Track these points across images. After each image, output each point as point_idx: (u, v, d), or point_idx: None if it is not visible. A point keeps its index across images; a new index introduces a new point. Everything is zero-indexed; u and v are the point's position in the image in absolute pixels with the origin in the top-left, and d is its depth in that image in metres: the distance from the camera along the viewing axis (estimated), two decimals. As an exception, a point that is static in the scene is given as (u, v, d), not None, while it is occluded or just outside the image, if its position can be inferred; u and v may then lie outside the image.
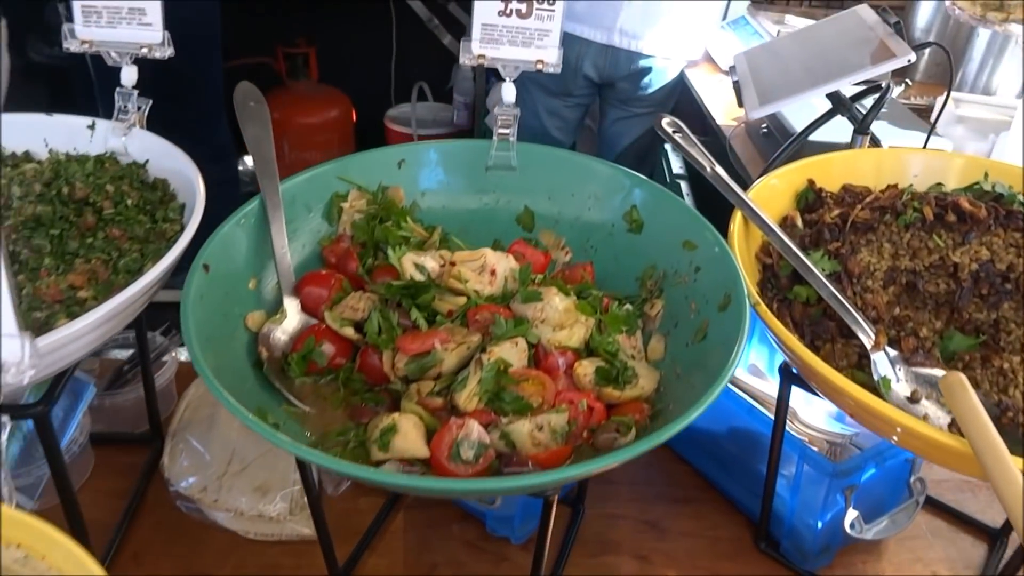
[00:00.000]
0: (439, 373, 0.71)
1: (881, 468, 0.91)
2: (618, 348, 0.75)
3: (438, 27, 3.53)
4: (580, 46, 2.35)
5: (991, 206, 0.85)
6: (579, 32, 2.33)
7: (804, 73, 1.28)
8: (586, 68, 2.40)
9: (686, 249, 0.83)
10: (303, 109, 3.48)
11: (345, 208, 0.89)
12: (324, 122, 3.51)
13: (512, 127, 0.95)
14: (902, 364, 0.78)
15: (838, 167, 0.98)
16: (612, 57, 2.35)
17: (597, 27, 2.30)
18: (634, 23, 2.26)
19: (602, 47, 2.33)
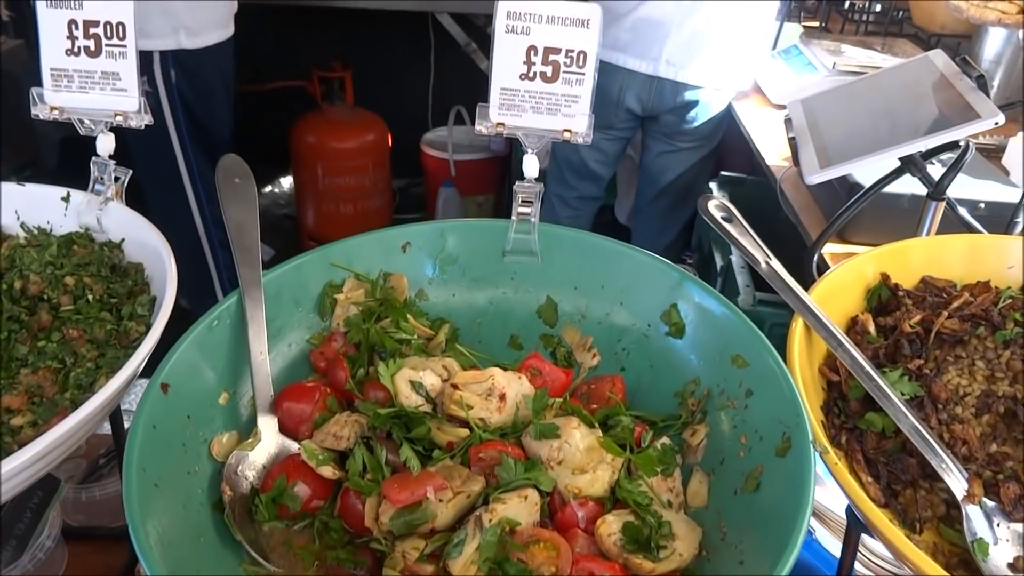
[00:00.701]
0: (431, 529, 0.59)
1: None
2: (651, 498, 0.62)
3: (475, 51, 3.43)
4: (623, 77, 2.23)
5: (1112, 322, 0.70)
6: (622, 62, 2.21)
7: (871, 131, 1.13)
8: (628, 100, 2.28)
9: (736, 365, 0.70)
10: (338, 133, 3.41)
11: (340, 300, 0.77)
12: (359, 146, 3.44)
13: (534, 206, 0.83)
14: (1002, 519, 0.64)
15: (917, 255, 0.84)
16: (657, 89, 2.22)
17: (642, 57, 2.18)
18: (681, 52, 2.14)
19: (646, 78, 2.21)
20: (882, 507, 0.67)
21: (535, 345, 0.81)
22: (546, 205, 2.72)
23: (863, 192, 1.28)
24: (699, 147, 2.38)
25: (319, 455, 0.62)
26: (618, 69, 2.23)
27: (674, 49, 2.14)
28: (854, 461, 0.68)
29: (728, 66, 2.20)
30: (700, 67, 2.16)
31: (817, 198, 1.78)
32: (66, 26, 0.78)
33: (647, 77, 2.21)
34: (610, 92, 2.27)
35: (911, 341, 0.74)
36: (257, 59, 3.40)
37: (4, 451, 0.59)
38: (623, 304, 0.79)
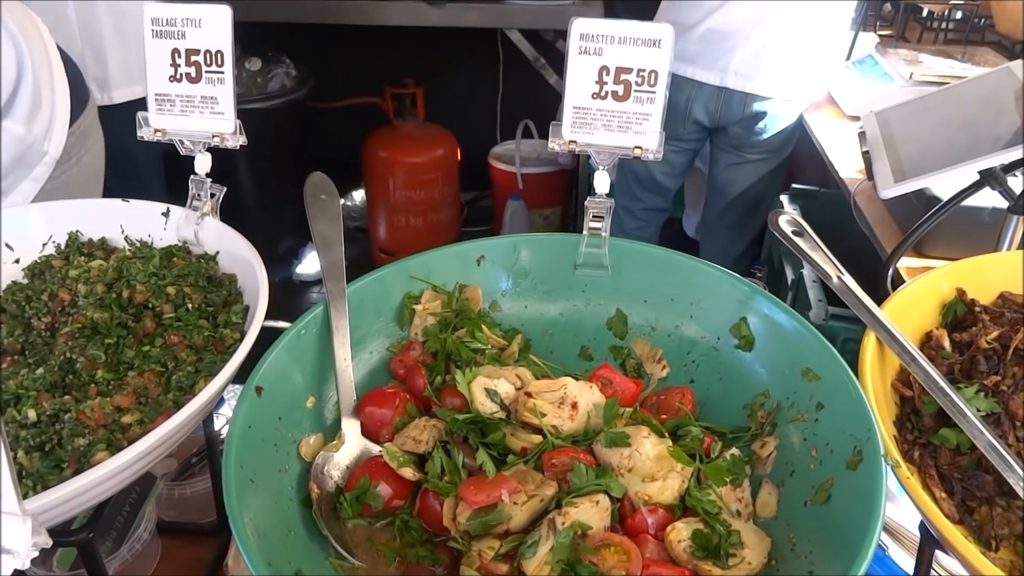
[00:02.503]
0: (506, 530, 0.61)
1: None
2: (720, 507, 0.63)
3: (544, 66, 3.47)
4: (690, 89, 2.23)
5: None
6: (690, 74, 2.21)
7: (948, 144, 1.12)
8: (696, 112, 2.28)
9: (806, 379, 0.70)
10: (409, 148, 3.49)
11: (418, 311, 0.81)
12: (430, 161, 3.52)
13: (605, 220, 0.85)
14: (1083, 540, 0.63)
15: (995, 270, 0.83)
16: (725, 100, 2.21)
17: (710, 68, 2.18)
18: (749, 63, 2.13)
19: (714, 89, 2.20)
20: (956, 523, 0.66)
21: (605, 356, 0.83)
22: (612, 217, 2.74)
23: (941, 206, 1.25)
24: (768, 159, 2.36)
25: (400, 457, 0.65)
26: (686, 80, 2.23)
27: (743, 60, 2.13)
28: (927, 477, 0.68)
29: (797, 77, 2.18)
30: (769, 78, 2.14)
31: (893, 211, 1.75)
32: (170, 55, 0.84)
33: (715, 88, 2.20)
34: (678, 103, 2.27)
35: (988, 357, 0.73)
36: (331, 77, 3.52)
37: (115, 447, 0.64)
38: (692, 317, 0.81)
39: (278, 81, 3.30)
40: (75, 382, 0.70)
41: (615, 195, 2.76)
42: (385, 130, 3.54)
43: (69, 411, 0.65)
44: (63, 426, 0.64)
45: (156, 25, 0.84)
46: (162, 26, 0.84)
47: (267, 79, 3.29)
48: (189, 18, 0.83)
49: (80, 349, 0.72)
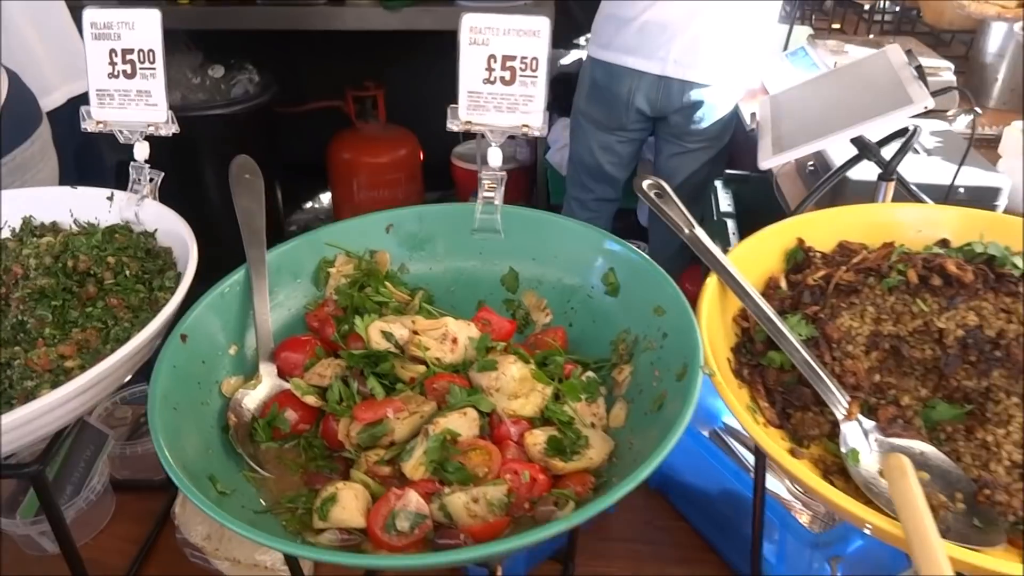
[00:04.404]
0: (391, 441, 0.73)
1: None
2: (573, 417, 0.75)
3: (500, 66, 3.59)
4: (632, 79, 2.35)
5: (980, 269, 0.81)
6: (631, 64, 2.33)
7: (821, 120, 1.24)
8: (638, 101, 2.40)
9: (656, 315, 0.82)
10: (372, 150, 3.61)
11: (332, 273, 0.92)
12: (392, 161, 3.63)
13: (497, 190, 0.97)
14: (877, 435, 0.75)
15: (833, 224, 0.95)
16: (665, 89, 2.33)
17: (650, 58, 2.30)
18: (687, 52, 2.25)
19: (655, 79, 2.32)
20: (777, 427, 0.79)
21: (499, 308, 0.94)
22: (565, 208, 2.86)
23: (824, 178, 1.39)
24: (708, 148, 2.48)
25: (304, 387, 0.77)
26: (628, 71, 2.35)
27: (681, 49, 2.25)
28: (755, 391, 0.81)
29: (732, 66, 2.30)
30: (705, 66, 2.26)
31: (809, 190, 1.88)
32: (107, 54, 0.95)
33: (656, 77, 2.32)
34: (620, 94, 2.40)
35: (812, 291, 0.86)
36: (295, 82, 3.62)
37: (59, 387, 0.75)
38: (572, 270, 0.93)
39: (241, 87, 3.40)
40: (25, 339, 0.81)
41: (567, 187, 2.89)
42: (348, 133, 3.66)
43: (19, 359, 0.76)
44: (13, 371, 0.75)
45: (94, 28, 0.96)
46: (100, 29, 0.95)
47: (231, 85, 3.39)
48: (123, 21, 0.95)
49: (30, 311, 0.83)
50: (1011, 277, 0.80)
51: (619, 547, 1.04)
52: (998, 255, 0.82)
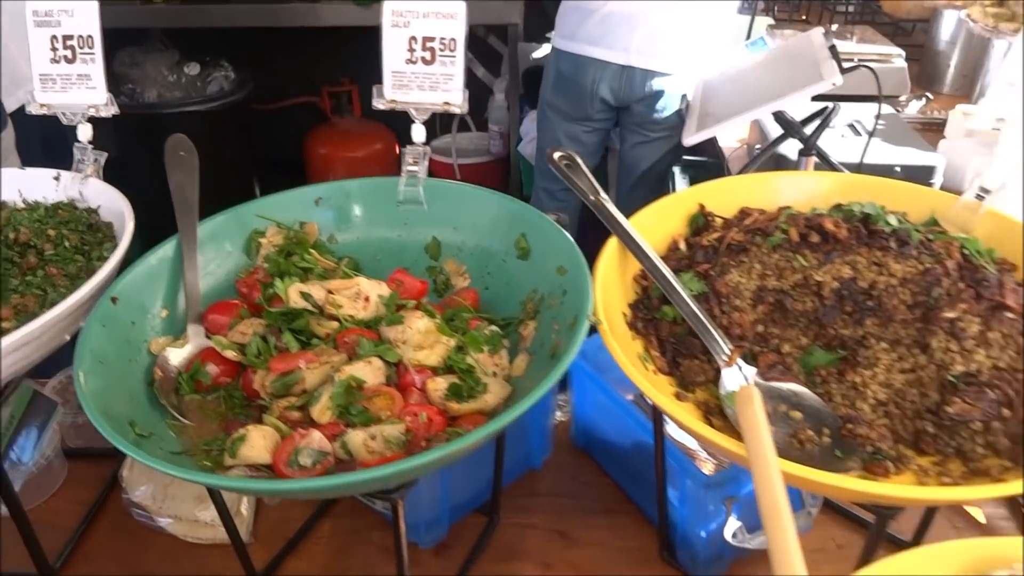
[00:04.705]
0: (303, 390, 0.79)
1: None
2: (474, 366, 0.81)
3: (472, 60, 3.65)
4: (596, 69, 2.41)
5: (854, 226, 0.87)
6: (595, 54, 2.39)
7: (743, 98, 1.31)
8: (602, 91, 2.46)
9: (559, 274, 0.88)
10: (348, 144, 3.67)
11: (263, 244, 0.98)
12: (368, 155, 3.69)
13: (421, 164, 1.03)
14: (757, 379, 0.81)
15: (735, 191, 1.01)
16: (628, 78, 2.39)
17: (612, 48, 2.36)
18: (649, 41, 2.30)
19: (618, 68, 2.38)
20: (667, 374, 0.85)
21: (422, 274, 1.00)
22: (533, 198, 2.92)
23: (754, 157, 1.45)
24: (670, 137, 2.54)
25: (224, 342, 0.83)
26: (591, 61, 2.41)
27: (643, 38, 2.31)
28: (648, 342, 0.87)
29: (693, 54, 2.35)
30: (667, 55, 2.32)
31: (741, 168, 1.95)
32: (49, 40, 1.01)
33: (619, 67, 2.38)
34: (584, 85, 2.46)
35: (705, 251, 0.92)
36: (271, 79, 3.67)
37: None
38: (489, 237, 0.99)
39: (217, 84, 3.45)
40: (-31, 305, 0.87)
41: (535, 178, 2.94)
42: (324, 128, 3.71)
43: (-41, 321, 0.82)
44: (-46, 332, 0.81)
45: (36, 16, 1.01)
46: (41, 17, 1.01)
47: (206, 83, 3.44)
48: (63, 9, 1.00)
49: (-27, 280, 0.89)
50: (883, 233, 0.86)
51: (544, 501, 1.10)
52: (873, 213, 0.88)
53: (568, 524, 1.07)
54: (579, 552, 1.03)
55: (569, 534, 1.06)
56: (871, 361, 0.81)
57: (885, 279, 0.83)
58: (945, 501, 0.64)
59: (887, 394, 0.79)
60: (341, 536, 1.05)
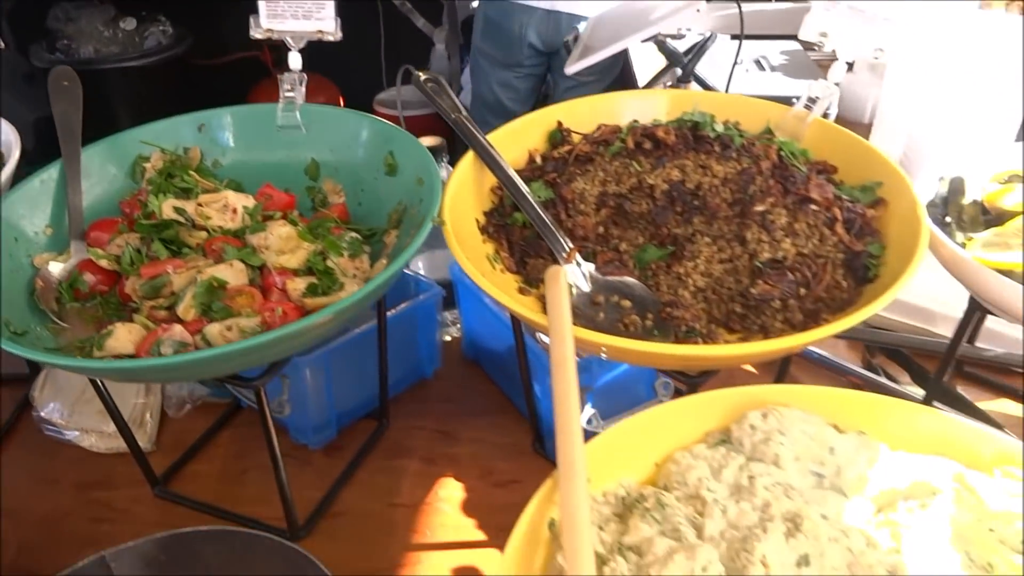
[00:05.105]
0: (171, 292, 0.85)
1: (620, 371, 1.02)
2: (333, 268, 0.88)
3: (411, 11, 3.66)
4: (523, 15, 2.45)
5: (683, 133, 0.95)
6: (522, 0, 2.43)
7: (624, 28, 1.37)
8: (530, 37, 2.50)
9: (418, 185, 0.96)
10: (290, 98, 3.66)
11: (148, 168, 1.04)
12: (312, 109, 3.70)
13: (297, 91, 1.09)
14: (594, 273, 0.89)
15: (594, 109, 1.08)
16: (554, 23, 2.43)
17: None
18: None
19: (544, 14, 2.42)
20: (514, 273, 0.93)
21: (302, 194, 1.07)
22: (470, 144, 2.96)
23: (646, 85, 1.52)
24: (600, 80, 2.59)
25: (100, 253, 0.89)
26: (518, 7, 2.44)
27: None
28: (499, 244, 0.94)
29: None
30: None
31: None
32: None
33: (544, 12, 2.42)
34: (512, 30, 2.50)
35: (556, 162, 0.99)
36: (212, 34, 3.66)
37: None
38: (361, 156, 1.05)
39: (154, 39, 3.44)
40: None
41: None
42: (267, 83, 3.71)
43: None
44: None
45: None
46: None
47: (143, 38, 3.43)
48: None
49: None
50: (708, 139, 0.94)
51: (432, 406, 1.19)
52: (701, 121, 0.96)
53: (453, 426, 1.15)
54: (460, 448, 1.12)
55: (453, 434, 1.14)
56: (695, 254, 0.89)
57: (709, 180, 0.91)
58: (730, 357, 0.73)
59: (706, 282, 0.88)
60: (239, 443, 1.13)
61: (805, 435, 0.65)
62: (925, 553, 0.57)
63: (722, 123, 0.97)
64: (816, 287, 0.83)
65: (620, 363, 1.03)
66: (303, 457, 1.10)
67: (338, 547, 0.98)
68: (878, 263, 0.84)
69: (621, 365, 1.03)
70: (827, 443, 0.65)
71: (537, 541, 0.61)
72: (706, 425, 0.69)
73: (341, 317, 0.78)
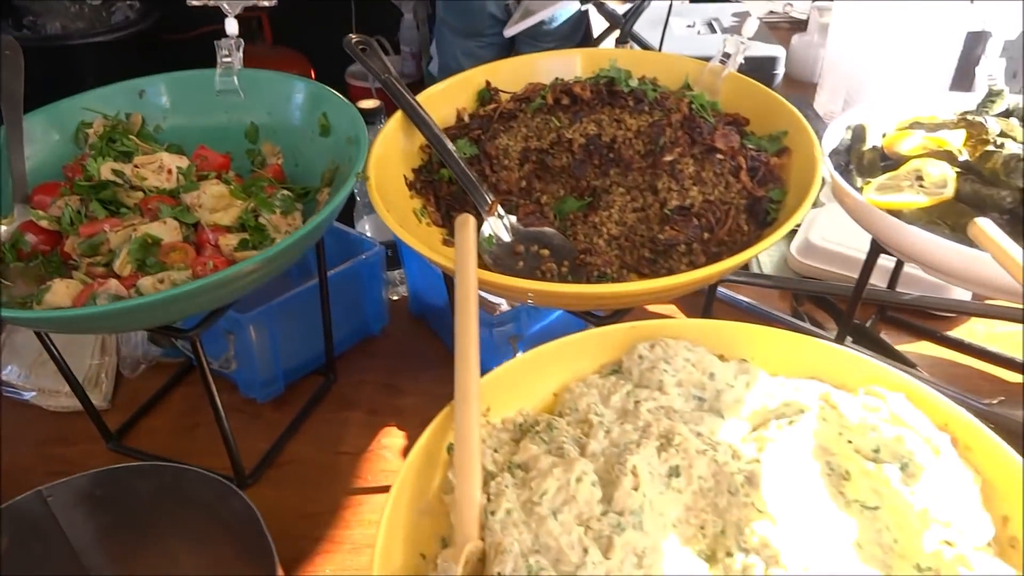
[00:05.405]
0: (109, 250, 0.90)
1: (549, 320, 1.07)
2: (265, 224, 0.92)
3: (379, -20, 3.66)
4: (482, -17, 2.47)
5: (598, 88, 0.99)
6: None
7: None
8: (490, 6, 2.51)
9: (348, 144, 0.99)
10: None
11: (90, 134, 1.07)
12: (283, 82, 3.70)
13: (235, 56, 1.12)
14: (515, 224, 0.94)
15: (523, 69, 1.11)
16: None
17: None
18: None
19: None
20: (440, 226, 0.97)
21: (242, 157, 1.10)
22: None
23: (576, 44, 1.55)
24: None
25: (42, 215, 0.93)
26: None
27: None
28: (426, 199, 0.99)
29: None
30: None
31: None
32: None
33: None
34: (472, 1, 2.51)
35: (481, 120, 1.03)
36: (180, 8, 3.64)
37: None
38: (297, 118, 1.09)
39: (121, 14, 3.43)
40: None
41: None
42: (236, 56, 3.71)
43: None
44: None
45: None
46: None
47: (111, 13, 3.42)
48: None
49: None
50: (622, 93, 0.98)
51: (379, 361, 1.24)
52: (616, 76, 1.00)
53: (398, 379, 1.20)
54: (404, 400, 1.17)
55: (398, 386, 1.19)
56: (610, 204, 0.94)
57: (623, 133, 0.96)
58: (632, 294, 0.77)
59: (620, 230, 0.92)
60: (191, 400, 1.18)
61: (688, 363, 0.70)
62: (785, 462, 0.62)
63: (637, 79, 1.01)
64: (719, 231, 0.88)
65: (549, 313, 1.08)
66: (252, 411, 1.15)
67: (283, 493, 1.04)
68: (778, 207, 0.89)
69: (550, 315, 1.08)
70: (708, 370, 0.70)
71: (436, 463, 0.66)
72: (602, 358, 0.74)
73: (269, 266, 0.83)
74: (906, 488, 0.59)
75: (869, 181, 0.91)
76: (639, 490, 0.59)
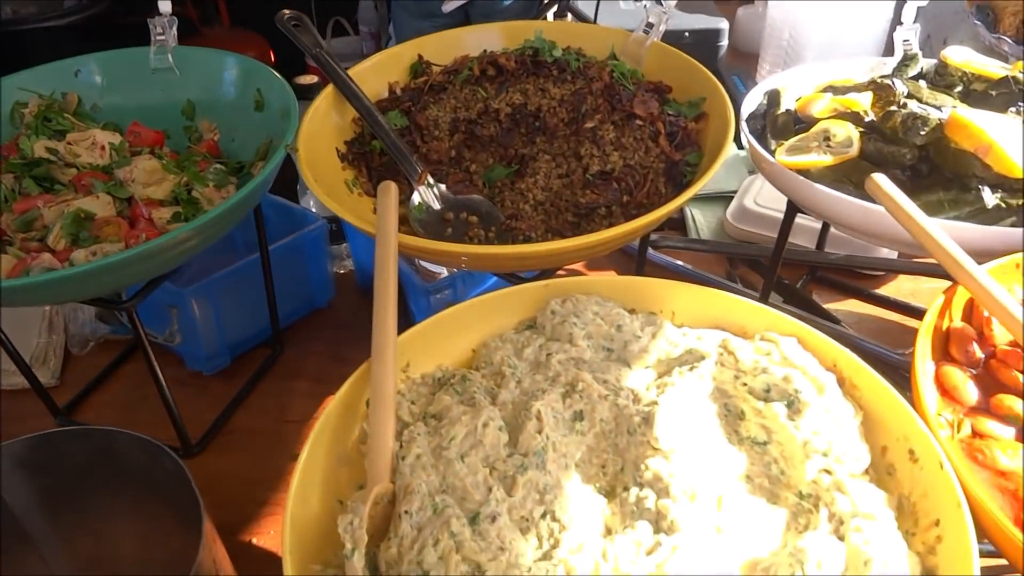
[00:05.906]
0: (44, 225, 0.91)
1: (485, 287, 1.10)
2: (198, 197, 0.95)
3: (336, -40, 3.64)
4: (435, -38, 2.48)
5: (523, 58, 1.02)
6: None
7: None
8: (444, -15, 2.53)
9: (282, 118, 1.01)
10: (219, 54, 3.64)
11: (26, 113, 1.08)
12: (242, 65, 3.67)
13: (168, 33, 1.13)
14: (445, 192, 0.97)
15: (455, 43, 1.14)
16: None
17: None
18: None
19: None
20: (372, 196, 1.00)
21: (180, 133, 1.12)
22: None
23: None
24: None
25: (-27, 193, 0.94)
26: None
27: None
28: (358, 171, 1.01)
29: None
30: None
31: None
32: None
33: None
34: None
35: (412, 92, 1.06)
36: (134, -9, 3.60)
37: None
38: (234, 95, 1.11)
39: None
40: None
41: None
42: (193, 39, 3.67)
43: None
44: None
45: None
46: None
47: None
48: None
49: None
50: (546, 63, 1.01)
51: (325, 333, 1.26)
52: (541, 47, 1.02)
53: (344, 349, 1.23)
54: (349, 369, 1.16)
55: (343, 356, 1.22)
56: (535, 171, 0.97)
57: (547, 102, 0.99)
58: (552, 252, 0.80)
59: (545, 195, 0.96)
60: (139, 374, 1.20)
61: (597, 316, 0.74)
62: (683, 404, 0.66)
63: (562, 49, 1.03)
64: (638, 194, 0.92)
65: (485, 280, 1.11)
66: (199, 384, 1.17)
67: (228, 460, 1.06)
68: (695, 171, 0.93)
69: (486, 281, 1.11)
70: (616, 322, 0.74)
71: (355, 416, 0.69)
72: (519, 315, 0.78)
73: (200, 236, 0.85)
74: (791, 423, 0.64)
75: (782, 143, 0.95)
76: (542, 433, 0.63)
